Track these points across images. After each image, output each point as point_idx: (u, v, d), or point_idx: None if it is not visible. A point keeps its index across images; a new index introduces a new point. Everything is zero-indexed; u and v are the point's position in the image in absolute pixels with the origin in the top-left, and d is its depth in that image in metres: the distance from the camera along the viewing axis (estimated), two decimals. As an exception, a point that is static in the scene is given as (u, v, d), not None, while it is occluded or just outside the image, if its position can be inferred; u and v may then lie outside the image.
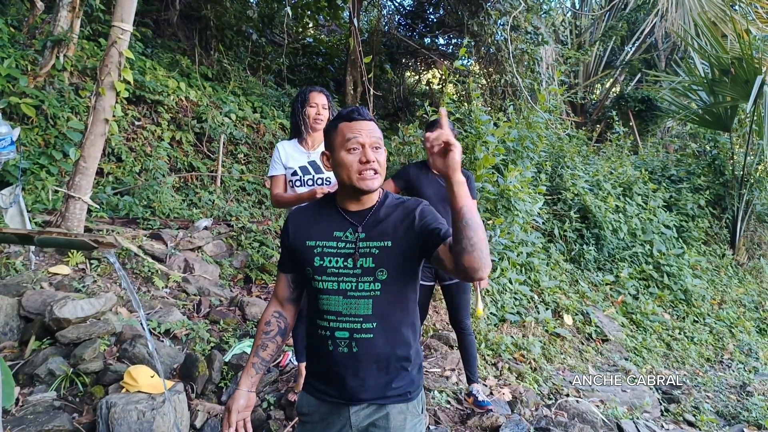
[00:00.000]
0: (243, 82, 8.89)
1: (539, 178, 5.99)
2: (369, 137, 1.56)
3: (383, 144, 1.60)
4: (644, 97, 12.08)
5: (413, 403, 1.60)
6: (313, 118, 2.90)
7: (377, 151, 1.56)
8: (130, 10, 3.96)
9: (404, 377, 1.59)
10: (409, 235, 1.54)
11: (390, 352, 1.56)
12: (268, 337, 1.69)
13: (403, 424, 1.57)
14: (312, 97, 2.91)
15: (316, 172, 2.93)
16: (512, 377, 4.02)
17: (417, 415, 1.61)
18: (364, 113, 1.60)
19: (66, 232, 1.54)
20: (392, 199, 1.64)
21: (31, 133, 5.06)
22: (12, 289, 3.34)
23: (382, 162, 1.57)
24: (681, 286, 6.60)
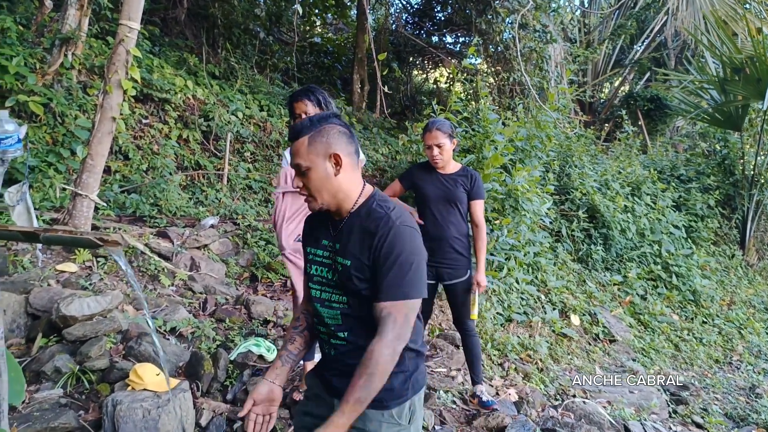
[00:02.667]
0: (250, 80, 8.89)
1: (547, 178, 5.96)
2: (294, 161, 1.54)
3: (313, 160, 1.51)
4: (653, 96, 12.00)
5: (390, 412, 1.57)
6: None
7: (304, 175, 1.53)
8: (137, 9, 3.96)
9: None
10: (366, 259, 1.50)
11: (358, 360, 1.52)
12: (297, 331, 1.72)
13: (378, 428, 1.56)
14: (294, 108, 2.78)
15: None
16: (518, 377, 3.99)
17: (396, 424, 1.57)
18: (295, 131, 1.55)
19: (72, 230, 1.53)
20: (374, 210, 1.54)
21: (39, 131, 5.07)
22: (19, 287, 3.36)
23: (309, 184, 1.53)
24: (690, 287, 6.54)
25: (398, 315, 1.44)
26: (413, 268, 1.46)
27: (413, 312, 1.48)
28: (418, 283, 1.47)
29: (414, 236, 1.50)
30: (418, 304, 1.49)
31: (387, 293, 1.45)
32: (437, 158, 3.13)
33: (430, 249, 3.20)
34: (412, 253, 1.47)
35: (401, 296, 1.44)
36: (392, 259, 1.45)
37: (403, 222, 1.50)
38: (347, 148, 1.55)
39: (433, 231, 3.18)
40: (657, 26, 13.04)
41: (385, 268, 1.46)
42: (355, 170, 1.58)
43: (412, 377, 1.62)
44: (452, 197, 3.16)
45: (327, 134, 1.52)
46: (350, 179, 1.56)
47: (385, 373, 1.41)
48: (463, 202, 3.19)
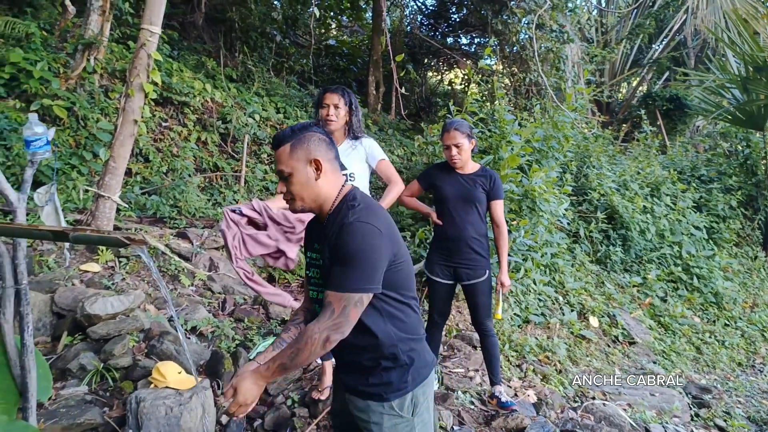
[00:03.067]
0: (267, 83, 8.98)
1: (564, 179, 5.92)
2: (278, 167, 1.64)
3: (295, 165, 1.61)
4: (673, 95, 11.85)
5: (390, 404, 1.65)
6: (324, 119, 2.91)
7: (287, 180, 1.62)
8: (158, 13, 4.03)
9: (379, 377, 1.66)
10: (330, 257, 1.59)
11: (359, 355, 1.67)
12: (293, 323, 1.81)
13: (380, 419, 1.66)
14: (324, 98, 2.91)
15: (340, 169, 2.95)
16: (537, 379, 3.97)
17: (397, 416, 1.66)
18: (278, 139, 1.64)
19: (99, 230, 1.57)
20: (343, 208, 1.62)
21: (62, 134, 5.18)
22: (45, 286, 3.43)
23: (292, 189, 1.62)
24: (711, 289, 6.44)
25: (336, 306, 1.51)
26: (357, 263, 1.51)
27: (354, 306, 1.52)
28: (360, 279, 1.51)
29: (368, 233, 1.53)
30: (359, 298, 1.52)
31: (330, 283, 1.54)
32: (455, 158, 3.13)
33: (449, 249, 3.23)
34: (360, 247, 1.51)
35: (341, 288, 1.51)
36: (340, 253, 1.53)
37: (359, 219, 1.55)
38: (327, 155, 1.65)
39: (452, 231, 3.18)
40: (676, 25, 12.88)
41: (334, 259, 1.55)
42: (334, 174, 1.67)
43: (410, 370, 1.68)
44: (471, 197, 3.16)
45: (308, 141, 1.62)
46: (330, 183, 1.65)
47: (312, 353, 1.50)
48: (482, 202, 3.18)
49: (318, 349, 1.50)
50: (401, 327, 1.68)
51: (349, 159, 2.98)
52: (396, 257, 1.61)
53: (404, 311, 1.69)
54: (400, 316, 1.68)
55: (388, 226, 1.62)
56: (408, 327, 1.69)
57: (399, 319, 1.67)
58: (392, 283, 1.62)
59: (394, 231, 1.65)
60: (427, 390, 1.75)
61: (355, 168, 2.97)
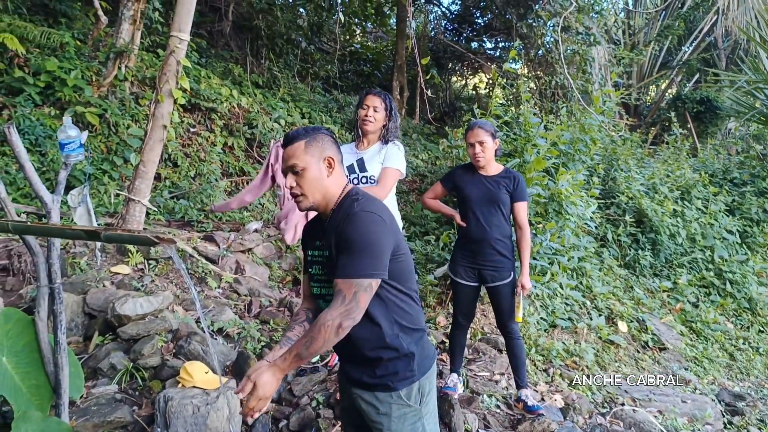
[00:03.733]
0: (292, 88, 9.09)
1: (592, 182, 5.84)
2: (286, 163, 1.71)
3: (309, 161, 1.67)
4: (703, 97, 11.59)
5: (398, 393, 1.70)
6: (362, 119, 2.98)
7: (297, 175, 1.68)
8: (187, 20, 4.12)
9: (385, 368, 1.70)
10: (336, 248, 1.63)
11: (365, 348, 1.69)
12: (296, 322, 1.86)
13: (389, 410, 1.70)
14: (366, 99, 3.01)
15: (361, 171, 3.01)
16: (564, 384, 3.91)
17: (406, 405, 1.70)
18: (289, 138, 1.71)
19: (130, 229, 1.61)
20: (347, 203, 1.68)
21: (94, 140, 5.32)
22: (77, 287, 3.52)
23: (303, 183, 1.68)
24: (745, 294, 6.26)
25: (347, 292, 1.55)
26: (364, 249, 1.56)
27: (363, 291, 1.56)
28: (368, 265, 1.56)
29: (372, 221, 1.60)
30: (368, 284, 1.57)
31: (339, 271, 1.58)
32: (479, 156, 3.11)
33: (473, 251, 3.21)
34: (366, 235, 1.57)
35: (350, 275, 1.55)
36: (347, 241, 1.58)
37: (364, 209, 1.62)
38: (337, 155, 1.74)
39: (476, 233, 3.16)
40: (706, 26, 12.63)
41: (340, 248, 1.60)
42: (341, 174, 1.75)
43: (415, 359, 1.72)
44: (495, 199, 3.13)
45: (321, 140, 1.71)
46: (336, 181, 1.72)
47: (326, 340, 1.53)
48: (505, 203, 3.16)
49: (332, 336, 1.53)
50: (404, 317, 1.73)
51: (373, 162, 3.01)
52: (397, 248, 1.67)
53: (406, 302, 1.74)
54: (403, 306, 1.73)
55: (390, 216, 1.68)
56: (411, 318, 1.75)
57: (402, 309, 1.73)
58: (394, 273, 1.67)
59: (395, 222, 1.72)
60: (431, 380, 1.80)
61: (376, 171, 3.00)
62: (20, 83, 5.19)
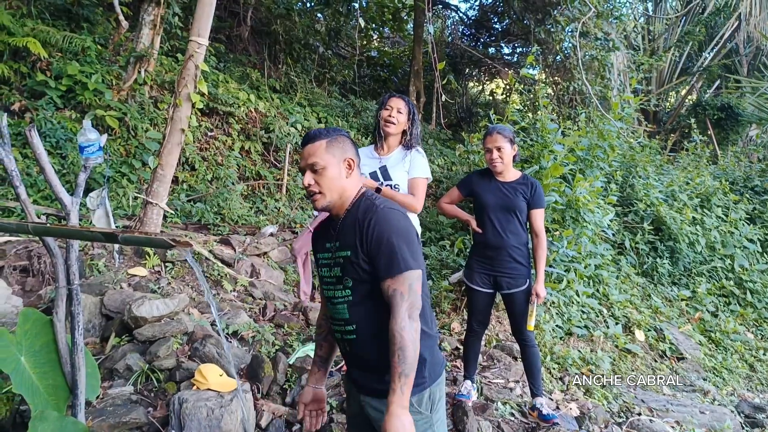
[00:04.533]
0: (309, 93, 9.13)
1: (609, 189, 5.77)
2: (306, 161, 1.71)
3: (329, 160, 1.68)
4: (724, 104, 11.41)
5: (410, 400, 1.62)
6: (384, 120, 2.97)
7: (316, 173, 1.68)
8: (206, 26, 4.16)
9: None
10: (360, 246, 1.63)
11: (375, 352, 1.65)
12: (320, 338, 1.90)
13: None
14: (389, 101, 3.00)
15: (385, 179, 2.97)
16: (579, 392, 3.86)
17: (417, 412, 1.65)
18: (311, 136, 1.73)
19: (147, 232, 1.63)
20: (363, 203, 1.69)
21: (114, 144, 5.40)
22: (95, 289, 3.56)
23: (322, 181, 1.68)
24: (766, 304, 6.14)
25: (402, 288, 1.54)
26: (403, 243, 1.58)
27: (417, 281, 1.57)
28: (412, 256, 1.58)
29: (399, 217, 1.63)
30: (418, 274, 1.58)
31: (386, 271, 1.57)
32: (496, 161, 3.10)
33: (489, 258, 3.19)
34: (399, 230, 1.60)
35: (399, 270, 1.55)
36: (383, 240, 1.58)
37: (387, 206, 1.65)
38: (356, 158, 1.76)
39: (492, 240, 3.14)
40: (728, 32, 12.46)
41: (379, 249, 1.59)
42: (358, 177, 1.76)
43: (426, 365, 1.68)
44: (511, 206, 3.11)
45: (343, 142, 1.73)
46: (354, 183, 1.74)
47: (414, 342, 1.50)
48: (522, 210, 3.14)
49: (415, 336, 1.52)
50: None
51: (397, 169, 2.99)
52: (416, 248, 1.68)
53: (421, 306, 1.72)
54: None
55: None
56: (424, 321, 1.71)
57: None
58: None
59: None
60: (442, 388, 1.78)
61: (401, 179, 2.98)
62: (42, 87, 5.28)
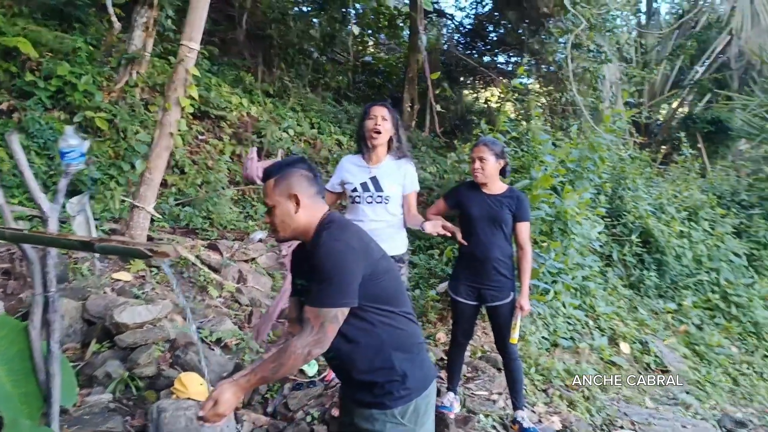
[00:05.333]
0: (302, 98, 9.13)
1: (598, 200, 5.79)
2: (264, 200, 1.76)
3: (277, 199, 1.72)
4: (714, 118, 11.51)
5: (392, 411, 1.71)
6: (371, 129, 2.96)
7: (270, 212, 1.74)
8: (198, 30, 4.15)
9: (381, 388, 1.71)
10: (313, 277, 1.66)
11: (354, 372, 1.73)
12: (276, 346, 1.95)
13: (383, 427, 1.71)
14: (371, 110, 2.98)
15: (376, 190, 2.97)
16: (563, 405, 3.86)
17: (400, 424, 1.71)
18: (265, 174, 1.75)
19: (125, 240, 1.62)
20: (321, 231, 1.70)
21: (103, 146, 5.36)
22: (77, 293, 3.53)
23: (274, 220, 1.74)
24: (751, 318, 6.17)
25: (315, 322, 1.59)
26: (331, 279, 1.60)
27: (330, 322, 1.59)
28: (334, 294, 1.59)
29: (340, 249, 1.62)
30: (334, 314, 1.60)
31: (309, 300, 1.63)
32: (477, 171, 3.11)
33: (474, 270, 3.19)
34: (332, 264, 1.60)
35: (317, 304, 1.60)
36: (317, 272, 1.62)
37: (332, 237, 1.65)
38: (308, 190, 1.75)
39: (478, 252, 3.14)
40: (719, 47, 12.57)
41: (313, 277, 1.64)
42: (315, 207, 1.75)
43: (411, 379, 1.73)
44: (497, 218, 3.12)
45: (289, 177, 1.74)
46: (309, 215, 1.74)
47: (293, 367, 1.60)
48: (508, 223, 3.14)
49: (300, 362, 1.60)
50: (397, 335, 1.74)
51: (389, 180, 3.00)
52: (374, 271, 1.67)
53: (397, 320, 1.75)
54: (394, 325, 1.73)
55: (361, 240, 1.71)
56: (404, 335, 1.76)
57: (393, 327, 1.73)
58: (377, 295, 1.68)
59: (370, 245, 1.73)
60: (429, 400, 1.80)
61: (392, 191, 3.00)
62: (31, 87, 5.24)
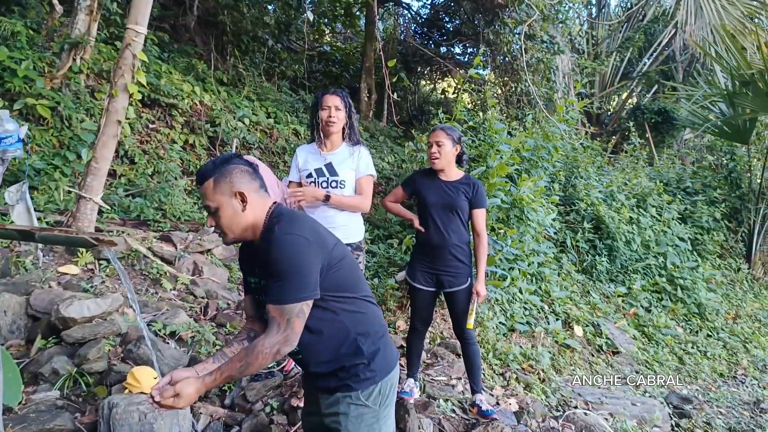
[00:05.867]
0: (258, 87, 8.94)
1: (552, 188, 5.93)
2: (204, 203, 1.67)
3: (220, 200, 1.63)
4: (661, 108, 11.95)
5: (357, 393, 1.72)
6: (325, 121, 2.98)
7: (213, 215, 1.66)
8: (144, 13, 3.99)
9: (346, 372, 1.72)
10: (265, 273, 1.63)
11: (320, 359, 1.72)
12: (236, 340, 1.83)
13: (347, 409, 1.72)
14: (324, 100, 2.97)
15: (331, 175, 3.01)
16: (520, 388, 3.95)
17: (364, 405, 1.72)
18: (199, 175, 1.67)
19: (68, 229, 1.53)
20: (269, 228, 1.65)
21: (46, 134, 5.12)
22: (20, 288, 3.37)
23: (220, 222, 1.66)
24: (695, 300, 6.47)
25: (280, 320, 1.55)
26: (290, 274, 1.55)
27: (296, 317, 1.56)
28: (295, 289, 1.56)
29: (295, 243, 1.57)
30: (299, 308, 1.56)
31: (269, 297, 1.58)
32: (434, 155, 3.13)
33: (432, 256, 3.21)
34: (289, 258, 1.56)
35: (280, 301, 1.55)
36: (272, 267, 1.57)
37: (284, 231, 1.59)
38: (251, 185, 1.68)
39: (435, 238, 3.16)
40: (665, 39, 13.00)
41: (269, 274, 1.59)
42: (260, 202, 1.69)
43: (375, 361, 1.73)
44: (453, 205, 3.15)
45: (230, 174, 1.65)
46: (257, 212, 1.67)
47: (261, 366, 1.56)
48: (464, 210, 3.18)
49: (269, 361, 1.56)
50: (360, 319, 1.73)
51: (344, 165, 3.02)
52: (330, 261, 1.64)
53: (359, 305, 1.74)
54: (356, 310, 1.73)
55: (315, 232, 1.66)
56: (367, 319, 1.75)
57: (355, 312, 1.72)
58: (336, 283, 1.66)
59: (323, 235, 1.69)
60: (393, 382, 1.81)
61: (347, 176, 3.02)
62: (-34, 73, 4.95)
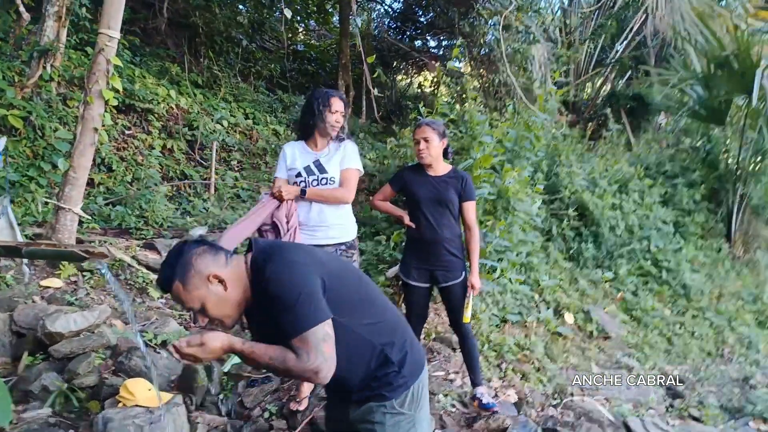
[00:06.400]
0: (234, 88, 8.83)
1: (536, 178, 5.95)
2: (186, 307, 1.59)
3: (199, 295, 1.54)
4: (635, 94, 12.08)
5: (391, 402, 1.67)
6: (332, 125, 2.96)
7: (202, 313, 1.58)
8: (117, 17, 3.88)
9: (378, 381, 1.67)
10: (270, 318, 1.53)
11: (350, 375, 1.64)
12: None
13: (383, 419, 1.67)
14: (333, 102, 2.95)
15: (320, 172, 2.98)
16: (516, 378, 3.96)
17: (398, 413, 1.68)
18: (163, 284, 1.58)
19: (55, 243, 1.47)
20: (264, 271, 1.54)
21: (19, 145, 4.97)
22: (3, 304, 3.26)
23: (211, 315, 1.57)
24: (680, 281, 6.56)
25: (308, 347, 1.46)
26: (299, 301, 1.48)
27: (322, 339, 1.47)
28: (312, 312, 1.48)
29: (289, 271, 1.52)
30: (321, 329, 1.48)
31: (288, 332, 1.48)
32: (423, 152, 3.11)
33: (425, 252, 3.19)
34: (292, 288, 1.49)
35: (300, 330, 1.47)
36: (277, 304, 1.49)
37: (275, 268, 1.52)
38: (217, 261, 1.58)
39: (427, 234, 3.14)
40: (636, 25, 13.15)
41: (277, 313, 1.49)
42: (236, 270, 1.60)
43: (405, 366, 1.69)
44: (443, 199, 3.13)
45: (193, 265, 1.55)
46: (237, 281, 1.58)
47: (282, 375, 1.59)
48: (454, 203, 3.16)
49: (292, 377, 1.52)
50: (380, 329, 1.67)
51: (332, 162, 2.99)
52: (331, 274, 1.58)
53: (373, 314, 1.68)
54: (373, 321, 1.66)
55: (305, 253, 1.61)
56: (387, 326, 1.70)
57: (374, 324, 1.66)
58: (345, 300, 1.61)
59: (314, 253, 1.64)
60: (424, 383, 1.76)
61: (335, 172, 2.99)
62: (-68, 84, 4.78)
